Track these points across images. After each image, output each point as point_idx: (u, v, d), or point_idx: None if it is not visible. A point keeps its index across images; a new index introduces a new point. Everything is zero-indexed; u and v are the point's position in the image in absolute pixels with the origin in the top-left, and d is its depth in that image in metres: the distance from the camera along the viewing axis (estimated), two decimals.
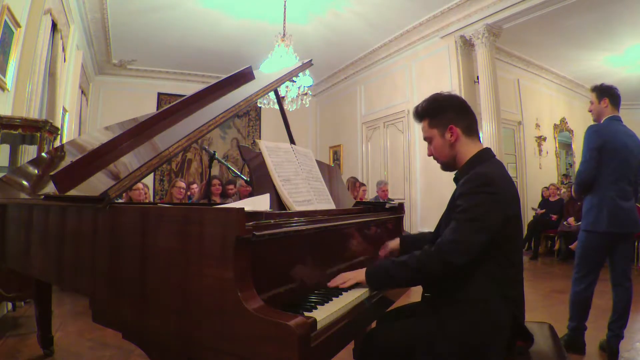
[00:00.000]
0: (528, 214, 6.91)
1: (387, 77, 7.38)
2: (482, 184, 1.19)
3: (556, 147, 8.17)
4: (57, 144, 3.55)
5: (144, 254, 1.06)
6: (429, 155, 1.44)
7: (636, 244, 5.70)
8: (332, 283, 1.26)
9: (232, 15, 5.89)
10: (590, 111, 2.56)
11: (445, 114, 1.36)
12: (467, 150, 1.35)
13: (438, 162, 1.43)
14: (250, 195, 1.58)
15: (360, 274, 1.26)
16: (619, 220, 2.33)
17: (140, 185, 4.23)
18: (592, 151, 2.36)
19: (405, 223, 3.94)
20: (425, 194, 6.47)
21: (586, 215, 2.43)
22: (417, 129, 6.58)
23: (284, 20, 5.38)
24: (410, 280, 1.28)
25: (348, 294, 1.20)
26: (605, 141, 2.34)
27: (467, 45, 5.89)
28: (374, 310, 1.27)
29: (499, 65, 5.99)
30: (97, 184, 1.26)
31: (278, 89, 2.03)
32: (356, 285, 1.26)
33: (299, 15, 5.75)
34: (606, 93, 2.47)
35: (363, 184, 5.80)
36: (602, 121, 2.47)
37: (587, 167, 2.38)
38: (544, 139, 7.73)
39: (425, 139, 1.43)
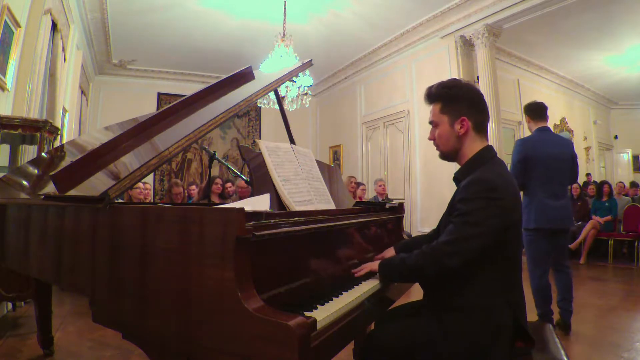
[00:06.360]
0: None
1: (387, 77, 7.37)
2: (486, 189, 1.16)
3: None
4: (57, 144, 3.55)
5: (144, 254, 1.06)
6: (430, 139, 1.38)
7: (636, 244, 5.69)
8: (355, 271, 1.39)
9: (232, 15, 5.89)
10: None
11: (460, 103, 1.30)
12: (473, 146, 1.30)
13: (438, 149, 1.37)
14: (251, 195, 1.57)
15: (374, 264, 1.37)
16: (547, 218, 2.62)
17: (140, 184, 4.23)
18: (516, 163, 2.74)
19: (405, 223, 3.95)
20: (425, 194, 6.46)
21: None
22: (417, 129, 6.58)
23: (284, 20, 5.38)
24: (408, 278, 1.37)
25: (348, 293, 1.20)
26: (526, 153, 2.70)
27: (467, 45, 5.88)
28: (374, 310, 1.26)
29: (499, 65, 5.99)
30: (97, 184, 1.26)
31: (278, 89, 2.03)
32: (369, 274, 1.38)
33: (299, 15, 5.75)
34: (526, 111, 2.90)
35: (362, 183, 5.80)
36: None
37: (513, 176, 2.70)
38: None
39: (431, 122, 1.37)
